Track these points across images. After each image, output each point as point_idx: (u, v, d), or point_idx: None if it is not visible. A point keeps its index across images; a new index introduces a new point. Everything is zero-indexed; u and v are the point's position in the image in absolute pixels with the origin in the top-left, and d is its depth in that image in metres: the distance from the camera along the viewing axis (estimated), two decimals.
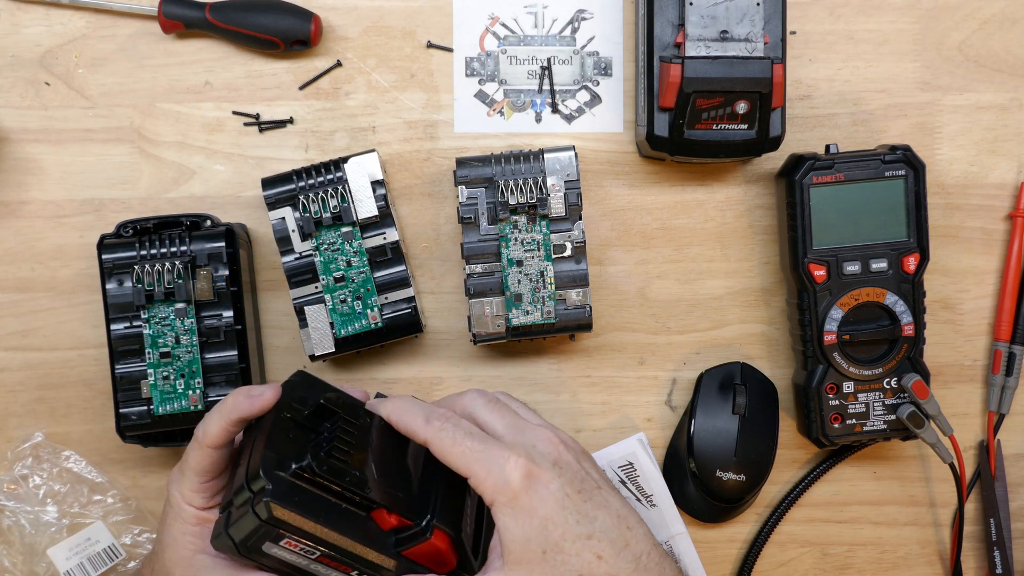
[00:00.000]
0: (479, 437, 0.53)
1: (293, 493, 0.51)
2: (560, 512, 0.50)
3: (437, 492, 0.55)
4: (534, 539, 0.50)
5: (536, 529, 0.50)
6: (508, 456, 0.51)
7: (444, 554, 0.53)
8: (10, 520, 0.70)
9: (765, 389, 0.72)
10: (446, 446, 0.52)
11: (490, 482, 0.51)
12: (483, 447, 0.52)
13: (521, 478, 0.50)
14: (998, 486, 0.73)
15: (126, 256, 0.65)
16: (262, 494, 0.50)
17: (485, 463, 0.51)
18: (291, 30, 0.68)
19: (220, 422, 0.55)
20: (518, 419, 0.55)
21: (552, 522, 0.50)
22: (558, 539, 0.50)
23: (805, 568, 0.74)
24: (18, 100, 0.71)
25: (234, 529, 0.51)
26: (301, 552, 0.52)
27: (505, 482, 0.50)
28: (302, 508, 0.50)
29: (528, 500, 0.50)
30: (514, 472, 0.50)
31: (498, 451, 0.51)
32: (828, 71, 0.72)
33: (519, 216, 0.68)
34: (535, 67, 0.72)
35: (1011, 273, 0.73)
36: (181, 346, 0.65)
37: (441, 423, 0.53)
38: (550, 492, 0.51)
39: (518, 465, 0.51)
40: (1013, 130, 0.73)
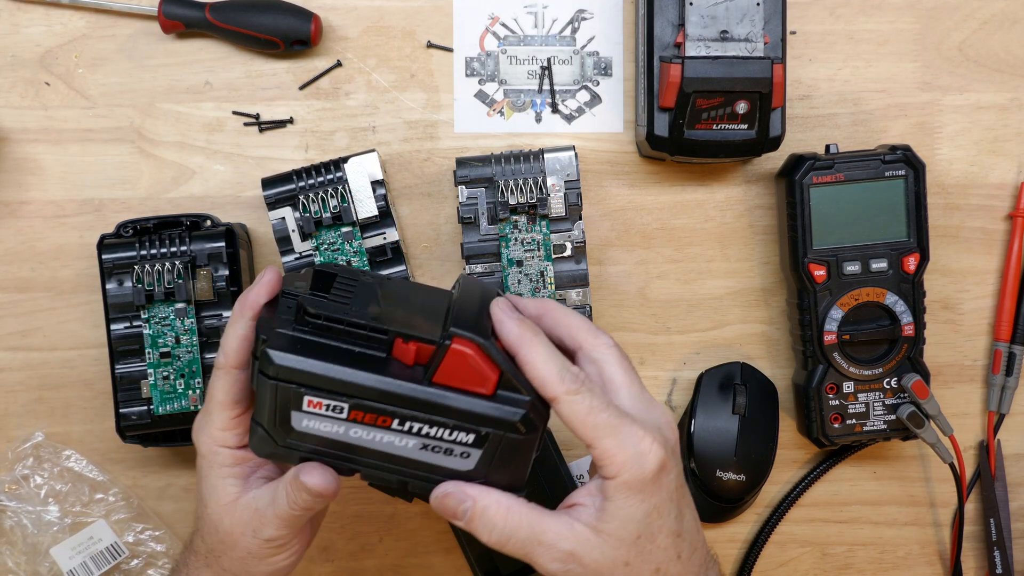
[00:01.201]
0: (615, 411, 0.49)
1: (298, 341, 0.47)
2: (668, 504, 0.49)
3: (464, 317, 0.49)
4: (637, 521, 0.48)
5: (643, 513, 0.48)
6: (644, 438, 0.48)
7: (476, 364, 0.48)
8: (12, 520, 0.70)
9: (765, 389, 0.72)
10: (579, 413, 0.48)
11: (620, 459, 0.48)
12: (619, 422, 0.48)
13: (655, 465, 0.48)
14: (998, 486, 0.73)
15: (126, 256, 0.65)
16: (265, 345, 0.47)
17: (619, 439, 0.48)
18: (291, 30, 0.68)
19: (236, 333, 0.51)
20: (644, 391, 0.52)
21: (658, 512, 0.49)
22: (655, 530, 0.49)
23: (805, 568, 0.74)
24: (18, 100, 0.71)
25: (258, 414, 0.49)
26: (330, 414, 0.48)
27: (639, 466, 0.48)
28: (310, 351, 0.47)
29: (651, 487, 0.48)
30: (650, 457, 0.48)
31: (635, 430, 0.48)
32: (828, 71, 0.72)
33: (519, 216, 0.68)
34: (535, 67, 0.72)
35: (1011, 273, 0.73)
36: (181, 346, 0.65)
37: (576, 385, 0.49)
38: (669, 481, 0.49)
39: (654, 451, 0.48)
40: (1013, 130, 0.73)
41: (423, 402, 0.48)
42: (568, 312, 0.53)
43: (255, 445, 0.50)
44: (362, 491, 0.72)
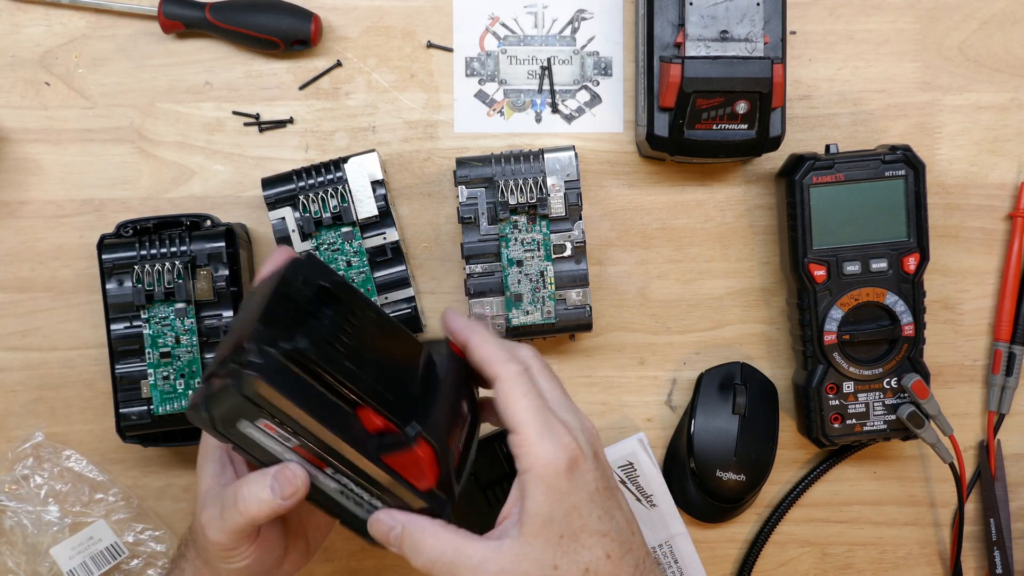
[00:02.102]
0: (543, 402, 0.51)
1: (281, 374, 0.48)
2: (588, 504, 0.50)
3: (430, 405, 0.52)
4: (557, 521, 0.49)
5: (563, 512, 0.50)
6: (563, 435, 0.50)
7: (426, 467, 0.50)
8: (12, 520, 0.70)
9: (765, 389, 0.72)
10: (515, 393, 0.51)
11: (538, 451, 0.50)
12: (545, 415, 0.51)
13: (568, 459, 0.50)
14: (998, 486, 0.73)
15: (126, 256, 0.65)
16: (249, 367, 0.47)
17: (541, 429, 0.50)
18: (291, 30, 0.68)
19: None
20: (566, 398, 0.54)
21: (578, 511, 0.50)
22: (578, 529, 0.50)
23: (805, 568, 0.74)
24: (18, 100, 0.71)
25: (213, 401, 0.48)
26: (277, 437, 0.49)
27: (553, 457, 0.49)
28: (288, 390, 0.47)
29: (566, 483, 0.50)
30: (564, 451, 0.50)
31: (557, 425, 0.50)
32: (828, 71, 0.72)
33: (519, 216, 0.68)
34: (535, 67, 0.72)
35: (1011, 273, 0.73)
36: (181, 346, 0.65)
37: (519, 369, 0.52)
38: (586, 481, 0.50)
39: (569, 446, 0.50)
40: (1013, 130, 0.73)
41: (365, 472, 0.50)
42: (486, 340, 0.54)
43: (191, 416, 0.50)
44: None
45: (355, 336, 0.51)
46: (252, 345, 0.47)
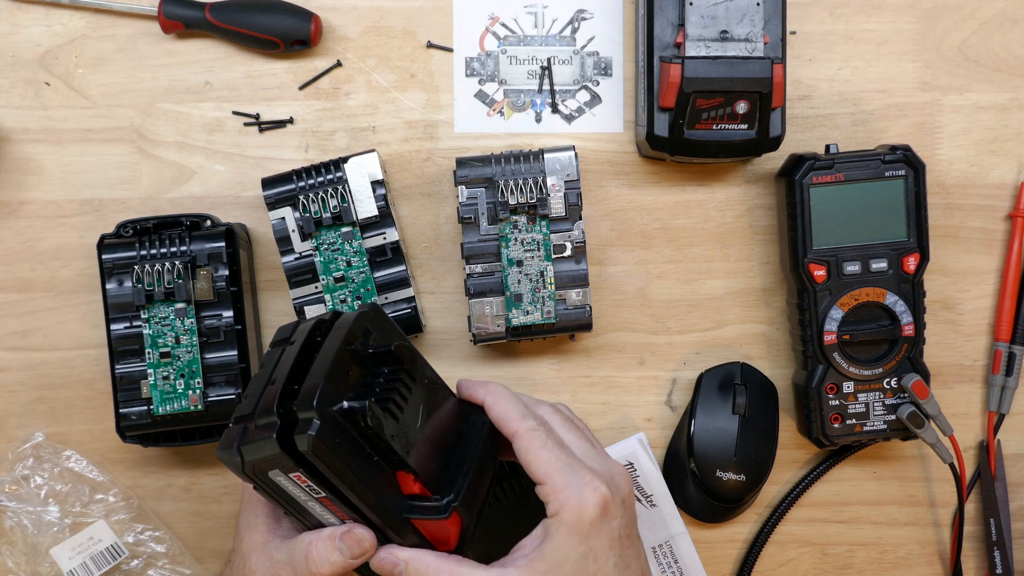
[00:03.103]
0: (568, 451, 0.53)
1: (335, 433, 0.48)
2: (607, 550, 0.51)
3: (465, 476, 0.53)
4: (572, 562, 0.50)
5: (579, 555, 0.50)
6: (592, 480, 0.51)
7: (452, 536, 0.52)
8: (12, 521, 0.70)
9: (765, 389, 0.72)
10: (534, 446, 0.52)
11: (564, 497, 0.51)
12: (570, 461, 0.52)
13: (597, 507, 0.50)
14: (998, 486, 0.73)
15: (126, 256, 0.65)
16: (308, 427, 0.47)
17: (567, 476, 0.51)
18: (291, 30, 0.68)
19: None
20: (593, 446, 0.55)
21: (595, 556, 0.51)
22: (591, 573, 0.50)
23: (805, 568, 0.74)
24: (18, 100, 0.71)
25: (249, 449, 0.49)
26: (306, 489, 0.50)
27: (580, 503, 0.50)
28: (339, 451, 0.48)
29: (591, 529, 0.50)
30: (593, 497, 0.51)
31: (584, 472, 0.51)
32: (828, 71, 0.72)
33: (519, 216, 0.68)
34: (535, 67, 0.72)
35: (1011, 273, 0.73)
36: (181, 346, 0.65)
37: (536, 424, 0.53)
38: (612, 528, 0.51)
39: (598, 492, 0.51)
40: (1013, 130, 0.73)
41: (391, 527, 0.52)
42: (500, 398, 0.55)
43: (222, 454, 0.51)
44: None
45: (408, 399, 0.52)
46: (314, 406, 0.48)
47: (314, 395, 0.48)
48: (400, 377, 0.52)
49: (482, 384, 0.56)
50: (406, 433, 0.51)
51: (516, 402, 0.55)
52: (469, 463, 0.54)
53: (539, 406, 0.57)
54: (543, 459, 0.52)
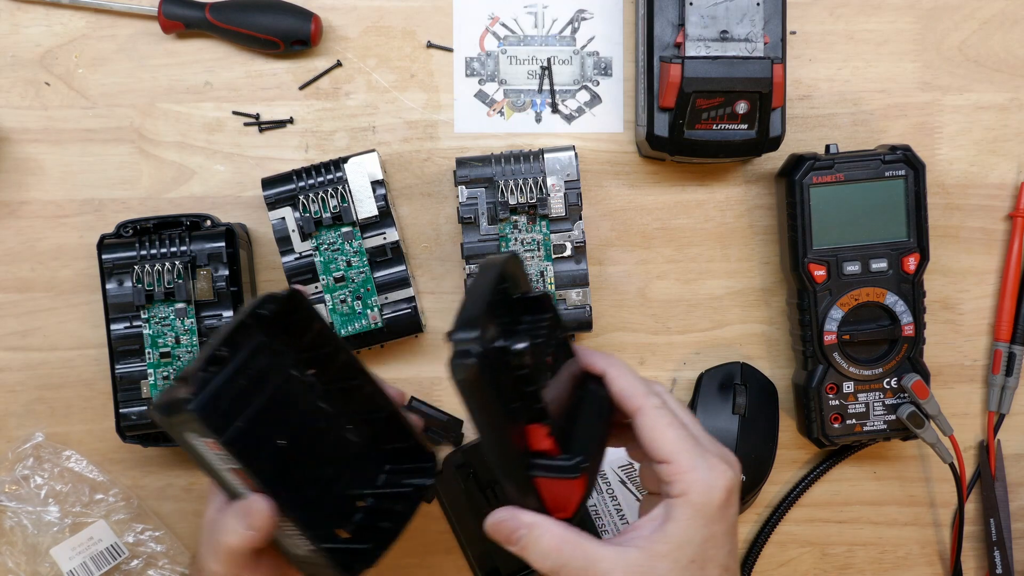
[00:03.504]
0: (691, 432, 0.51)
1: (487, 368, 0.45)
2: (724, 536, 0.50)
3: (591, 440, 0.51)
4: (694, 545, 0.49)
5: (701, 538, 0.49)
6: (719, 464, 0.50)
7: (574, 499, 0.49)
8: (12, 521, 0.70)
9: (765, 389, 0.72)
10: (660, 424, 0.51)
11: (693, 477, 0.49)
12: (696, 442, 0.50)
13: (724, 491, 0.49)
14: (998, 486, 0.73)
15: (126, 256, 0.65)
16: (470, 355, 0.44)
17: (695, 458, 0.50)
18: (291, 30, 0.68)
19: None
20: (704, 432, 0.53)
21: (715, 542, 0.50)
22: (708, 559, 0.49)
23: (805, 568, 0.74)
24: (18, 100, 0.71)
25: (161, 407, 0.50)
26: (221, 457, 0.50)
27: (709, 486, 0.49)
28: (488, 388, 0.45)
29: (717, 513, 0.49)
30: (721, 481, 0.49)
31: (710, 455, 0.50)
32: (828, 71, 0.72)
33: (519, 216, 0.68)
34: (535, 67, 0.72)
35: (1011, 273, 0.73)
36: (181, 346, 0.65)
37: (660, 402, 0.52)
38: (731, 515, 0.50)
39: (726, 476, 0.50)
40: (1013, 130, 0.73)
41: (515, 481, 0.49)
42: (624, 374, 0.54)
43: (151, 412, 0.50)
44: None
45: (549, 350, 0.50)
46: (473, 334, 0.44)
47: (472, 326, 0.44)
48: (548, 325, 0.50)
49: (603, 356, 0.54)
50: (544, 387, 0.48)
51: (638, 377, 0.53)
52: (594, 430, 0.52)
53: (654, 385, 0.54)
54: (670, 438, 0.50)
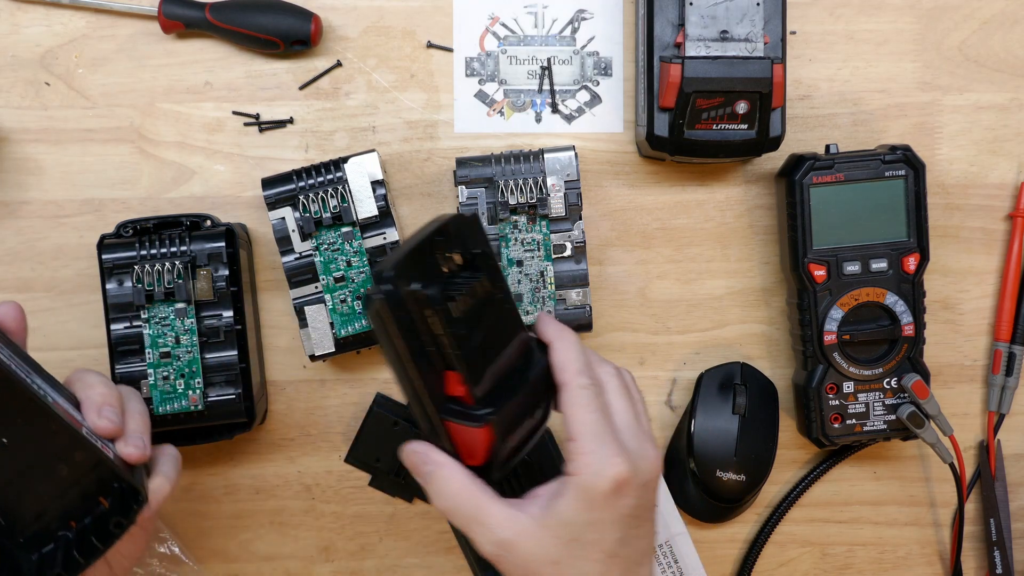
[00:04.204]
0: (608, 419, 0.53)
1: (400, 307, 0.50)
2: (612, 524, 0.51)
3: (510, 397, 0.53)
4: (576, 527, 0.51)
5: (584, 521, 0.51)
6: (616, 455, 0.51)
7: (478, 449, 0.52)
8: None
9: (765, 389, 0.72)
10: (578, 403, 0.52)
11: (585, 461, 0.51)
12: (604, 429, 0.52)
13: (610, 481, 0.51)
14: (998, 486, 0.73)
15: (126, 256, 0.65)
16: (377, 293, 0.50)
17: (595, 443, 0.51)
18: (291, 30, 0.68)
19: None
20: (638, 423, 0.54)
21: (599, 527, 0.51)
22: (589, 542, 0.51)
23: (805, 568, 0.74)
24: (18, 100, 0.71)
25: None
26: None
27: (597, 473, 0.51)
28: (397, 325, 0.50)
29: (601, 500, 0.51)
30: (610, 471, 0.51)
31: (612, 444, 0.51)
32: (828, 71, 0.72)
33: (519, 216, 0.68)
34: (535, 67, 0.72)
35: (1011, 273, 0.73)
36: (181, 346, 0.65)
37: (588, 382, 0.53)
38: (621, 505, 0.51)
39: (616, 468, 0.51)
40: (1013, 130, 0.73)
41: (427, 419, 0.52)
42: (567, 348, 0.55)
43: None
44: (362, 491, 0.72)
45: (476, 307, 0.52)
46: (390, 273, 0.50)
47: (390, 266, 0.50)
48: (473, 282, 0.52)
49: (556, 327, 0.55)
50: (464, 338, 0.51)
51: (579, 355, 0.54)
52: (519, 392, 0.54)
53: (602, 365, 0.55)
54: (579, 418, 0.52)
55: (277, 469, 0.72)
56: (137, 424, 0.56)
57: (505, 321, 0.54)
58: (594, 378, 0.54)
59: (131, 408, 0.57)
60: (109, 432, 0.54)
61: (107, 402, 0.55)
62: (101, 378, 0.57)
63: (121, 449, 0.54)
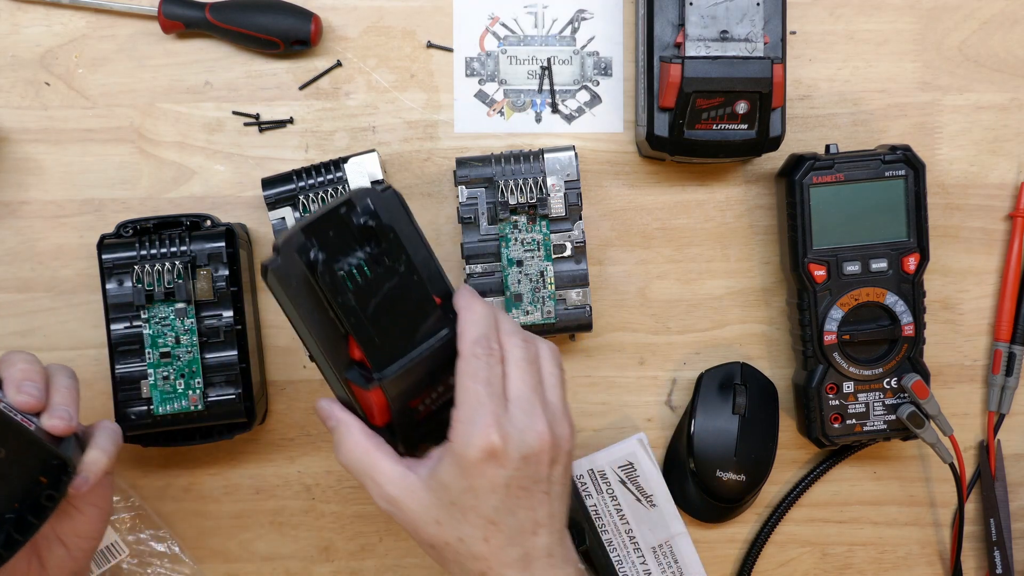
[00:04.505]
0: (493, 391, 0.53)
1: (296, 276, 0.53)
2: (489, 493, 0.52)
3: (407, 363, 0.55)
4: (453, 491, 0.53)
5: (460, 488, 0.53)
6: (490, 426, 0.52)
7: (376, 414, 0.55)
8: None
9: (765, 389, 0.72)
10: (467, 372, 0.54)
11: (460, 429, 0.53)
12: (488, 400, 0.53)
13: (480, 450, 0.52)
14: (998, 486, 0.73)
15: (126, 256, 0.65)
16: (271, 263, 0.53)
17: (474, 412, 0.53)
18: (291, 30, 0.68)
19: None
20: (536, 399, 0.55)
21: (475, 493, 0.52)
22: (467, 507, 0.53)
23: (805, 568, 0.74)
24: (18, 100, 0.71)
25: None
26: None
27: (467, 441, 0.52)
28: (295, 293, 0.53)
29: (473, 468, 0.52)
30: (479, 441, 0.52)
31: (490, 415, 0.52)
32: (828, 71, 0.72)
33: (519, 216, 0.68)
34: (535, 67, 0.72)
35: (1011, 273, 0.73)
36: (181, 346, 0.65)
37: (484, 352, 0.54)
38: (495, 475, 0.52)
39: (487, 439, 0.52)
40: (1013, 130, 0.73)
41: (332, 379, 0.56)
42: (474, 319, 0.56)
43: None
44: (362, 491, 0.72)
45: (375, 278, 0.54)
46: (284, 246, 0.53)
47: (283, 238, 0.53)
48: (372, 255, 0.55)
49: (468, 299, 0.56)
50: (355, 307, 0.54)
51: (483, 324, 0.55)
52: (418, 356, 0.56)
53: (511, 337, 0.56)
54: (463, 386, 0.53)
55: (277, 469, 0.72)
56: (62, 397, 0.57)
57: (410, 292, 0.56)
58: (493, 349, 0.55)
59: (57, 383, 0.58)
60: (29, 406, 0.55)
61: (27, 377, 0.56)
62: (25, 355, 0.57)
63: (45, 422, 0.55)
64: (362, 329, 0.54)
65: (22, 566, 0.58)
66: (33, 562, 0.59)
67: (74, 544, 0.59)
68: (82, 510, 0.59)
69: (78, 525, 0.59)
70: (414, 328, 0.56)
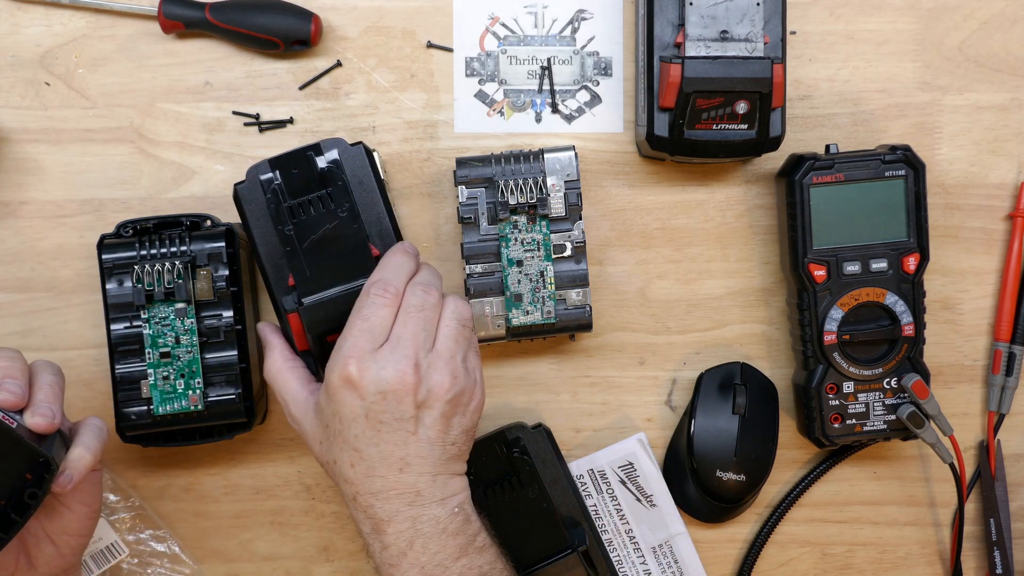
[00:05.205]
0: (368, 327, 0.57)
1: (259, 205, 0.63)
2: (350, 420, 0.57)
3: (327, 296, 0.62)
4: (325, 415, 0.58)
5: (329, 413, 0.58)
6: (350, 358, 0.56)
7: (296, 335, 0.63)
8: None
9: (765, 389, 0.72)
10: (355, 309, 0.59)
11: (332, 357, 0.58)
12: (358, 336, 0.57)
13: (339, 379, 0.56)
14: (998, 486, 0.73)
15: (126, 256, 0.65)
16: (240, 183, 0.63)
17: (343, 341, 0.58)
18: (291, 30, 0.68)
19: None
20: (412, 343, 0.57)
21: (340, 419, 0.57)
22: (334, 432, 0.58)
23: (805, 568, 0.74)
24: (18, 100, 0.71)
25: None
26: None
27: (330, 369, 0.57)
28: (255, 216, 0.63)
29: (333, 394, 0.57)
30: (333, 373, 0.57)
31: (354, 348, 0.57)
32: (828, 71, 0.72)
33: (519, 216, 0.68)
34: (535, 67, 0.72)
35: (1011, 273, 0.73)
36: (181, 346, 0.65)
37: (380, 293, 0.58)
38: (351, 402, 0.56)
39: (345, 371, 0.56)
40: (1013, 130, 0.73)
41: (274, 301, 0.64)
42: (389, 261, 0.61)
43: None
44: None
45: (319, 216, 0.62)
46: (251, 171, 0.63)
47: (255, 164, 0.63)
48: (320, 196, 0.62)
49: (394, 249, 0.62)
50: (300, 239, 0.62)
51: (389, 270, 0.60)
52: (339, 293, 0.62)
53: (415, 287, 0.59)
54: (348, 322, 0.58)
55: (277, 469, 0.72)
56: (45, 395, 0.57)
57: (347, 237, 0.62)
58: (388, 293, 0.58)
59: (41, 380, 0.58)
60: (11, 404, 0.55)
61: (8, 375, 0.56)
62: (7, 352, 0.58)
63: (28, 420, 0.55)
64: (295, 257, 0.62)
65: (10, 563, 0.58)
66: (21, 559, 0.59)
67: (63, 542, 0.59)
68: (70, 507, 0.59)
69: (67, 523, 0.59)
70: (342, 269, 0.62)
